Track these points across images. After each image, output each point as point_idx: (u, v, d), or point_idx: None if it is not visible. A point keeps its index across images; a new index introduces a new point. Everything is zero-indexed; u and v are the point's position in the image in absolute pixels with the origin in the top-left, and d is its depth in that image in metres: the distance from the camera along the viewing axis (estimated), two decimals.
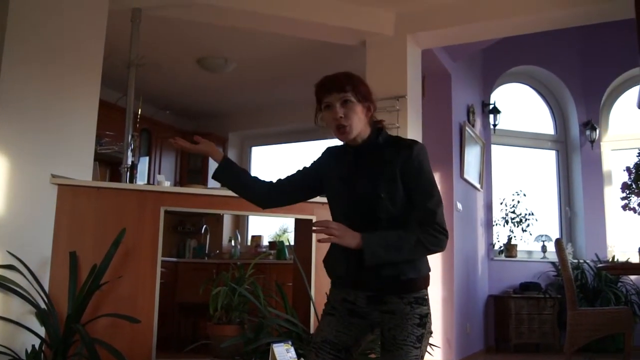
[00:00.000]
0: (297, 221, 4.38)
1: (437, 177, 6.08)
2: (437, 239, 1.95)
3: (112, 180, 6.34)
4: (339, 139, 2.10)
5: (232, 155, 8.18)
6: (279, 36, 5.39)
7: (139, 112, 4.99)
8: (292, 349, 3.24)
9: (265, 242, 7.33)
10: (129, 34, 4.56)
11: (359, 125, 2.04)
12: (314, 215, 4.07)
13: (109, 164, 6.48)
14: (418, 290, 2.00)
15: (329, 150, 2.25)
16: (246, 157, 8.38)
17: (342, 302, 2.08)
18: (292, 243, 4.66)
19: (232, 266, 4.24)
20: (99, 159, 5.48)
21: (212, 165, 7.69)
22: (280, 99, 7.43)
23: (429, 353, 3.91)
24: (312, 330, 3.86)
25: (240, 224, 7.86)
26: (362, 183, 2.02)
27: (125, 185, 4.08)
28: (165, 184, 4.34)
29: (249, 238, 7.70)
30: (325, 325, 2.08)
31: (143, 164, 6.97)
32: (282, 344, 3.22)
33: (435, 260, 5.88)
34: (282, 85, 6.94)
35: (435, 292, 5.79)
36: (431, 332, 2.05)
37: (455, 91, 6.39)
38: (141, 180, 6.57)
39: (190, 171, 7.73)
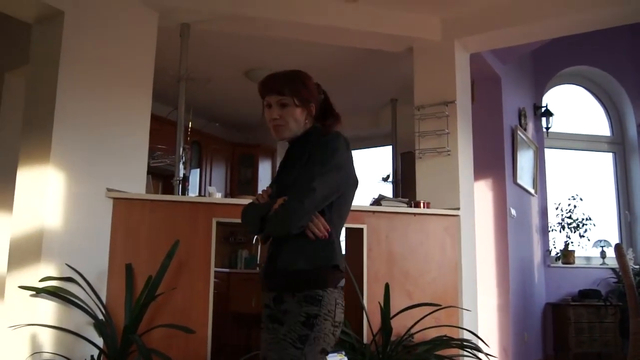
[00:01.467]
0: (347, 230, 4.36)
1: (489, 182, 6.03)
2: (280, 213, 1.88)
3: (165, 193, 6.45)
4: (274, 136, 2.14)
5: None
6: (325, 46, 5.40)
7: (190, 125, 5.07)
8: (346, 359, 3.22)
9: None
10: (178, 49, 4.64)
11: (295, 127, 2.09)
12: (365, 224, 4.05)
13: (161, 177, 6.60)
14: (311, 288, 1.88)
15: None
16: None
17: (264, 308, 2.05)
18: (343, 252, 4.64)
19: None
20: (152, 172, 5.58)
21: (262, 176, 7.70)
22: None
23: None
24: (365, 340, 3.83)
25: None
26: (282, 176, 2.08)
27: (178, 197, 4.14)
28: (217, 195, 4.39)
29: None
30: (261, 343, 2.05)
31: (194, 176, 7.08)
32: (335, 354, 3.21)
33: (489, 268, 5.77)
34: (330, 94, 6.92)
35: (491, 300, 5.68)
36: (329, 335, 1.88)
37: (506, 95, 6.27)
38: (193, 192, 6.67)
39: (240, 182, 7.81)
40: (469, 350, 3.80)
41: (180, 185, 4.39)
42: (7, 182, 4.21)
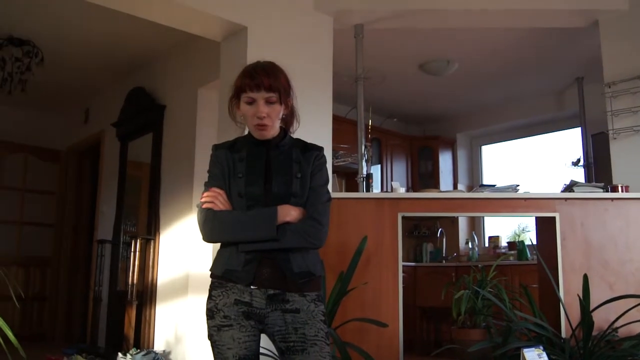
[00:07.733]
0: (538, 219, 4.18)
1: None
2: (315, 229, 1.93)
3: (348, 190, 6.64)
4: (256, 135, 2.02)
5: (461, 155, 8.07)
6: (499, 30, 5.22)
7: (369, 123, 5.17)
8: (544, 354, 3.10)
9: (503, 243, 7.11)
10: (352, 50, 4.75)
11: (276, 127, 2.02)
12: (557, 212, 3.86)
13: (344, 175, 6.81)
14: (319, 289, 1.98)
15: (221, 147, 2.10)
16: (476, 156, 8.21)
17: (233, 305, 1.88)
18: (534, 242, 4.46)
19: (473, 269, 4.19)
20: (335, 171, 5.78)
21: (443, 167, 7.63)
22: (507, 94, 7.18)
23: None
24: (563, 335, 3.65)
25: (476, 226, 7.72)
26: (277, 182, 1.96)
27: (363, 194, 4.25)
28: (400, 190, 4.43)
29: (486, 239, 7.54)
30: (230, 340, 1.86)
31: (375, 171, 7.20)
32: (533, 348, 3.10)
33: None
34: (508, 79, 6.69)
35: None
36: None
37: None
38: (375, 188, 6.79)
39: (420, 175, 7.80)
40: None
41: (365, 182, 4.50)
42: None
